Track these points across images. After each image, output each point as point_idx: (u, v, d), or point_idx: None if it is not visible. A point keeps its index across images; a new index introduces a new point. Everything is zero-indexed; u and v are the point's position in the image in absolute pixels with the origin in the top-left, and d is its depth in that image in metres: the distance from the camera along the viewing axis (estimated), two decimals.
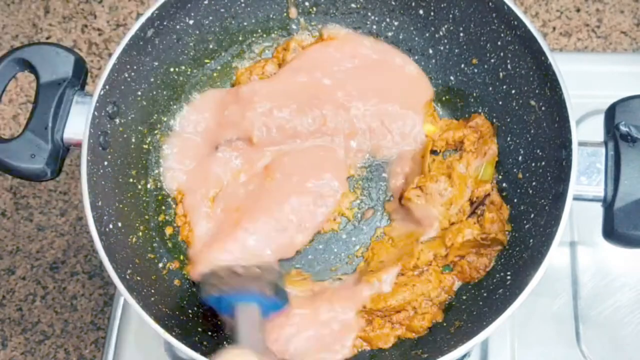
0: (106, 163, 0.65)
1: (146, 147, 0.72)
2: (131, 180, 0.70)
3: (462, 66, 0.74)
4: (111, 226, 0.64)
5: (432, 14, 0.74)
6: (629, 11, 1.00)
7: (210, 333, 0.67)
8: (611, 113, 0.62)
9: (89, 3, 1.07)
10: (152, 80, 0.71)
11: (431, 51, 0.76)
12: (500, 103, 0.71)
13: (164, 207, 0.74)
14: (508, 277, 0.65)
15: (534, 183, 0.67)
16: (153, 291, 0.65)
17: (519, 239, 0.67)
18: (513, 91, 0.69)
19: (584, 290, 0.76)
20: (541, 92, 0.65)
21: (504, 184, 0.71)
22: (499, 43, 0.69)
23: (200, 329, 0.67)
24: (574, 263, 0.77)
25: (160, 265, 0.70)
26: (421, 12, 0.74)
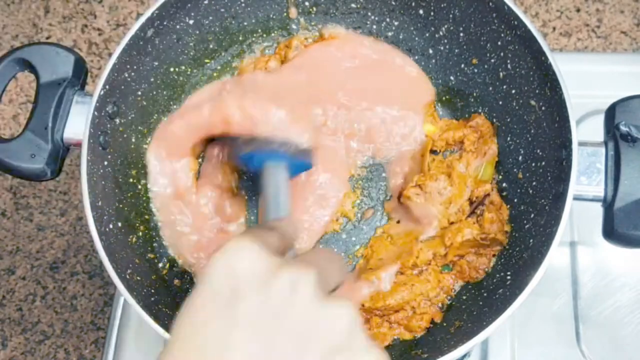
0: (106, 163, 0.65)
1: (146, 147, 0.72)
2: (131, 180, 0.70)
3: (462, 66, 0.74)
4: (111, 226, 0.64)
5: (432, 14, 0.74)
6: (629, 11, 1.00)
7: None
8: (611, 113, 0.62)
9: (89, 3, 1.07)
10: (152, 80, 0.71)
11: (431, 51, 0.76)
12: (500, 103, 0.71)
13: None
14: (508, 277, 0.65)
15: (534, 183, 0.67)
16: (153, 291, 0.65)
17: (519, 239, 0.67)
18: (513, 91, 0.69)
19: (584, 290, 0.76)
20: (541, 92, 0.65)
21: (504, 184, 0.71)
22: (499, 43, 0.69)
23: None
24: (574, 263, 0.77)
25: (160, 265, 0.70)
26: (421, 12, 0.74)
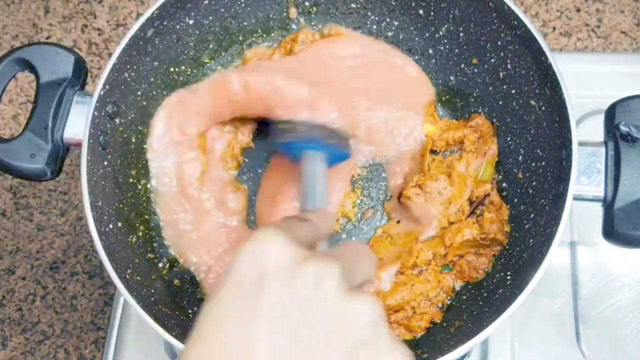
0: (106, 163, 0.65)
1: (146, 147, 0.72)
2: (131, 180, 0.70)
3: (462, 66, 0.74)
4: (111, 226, 0.64)
5: (432, 14, 0.74)
6: (629, 11, 1.00)
7: None
8: (611, 113, 0.62)
9: (89, 3, 1.07)
10: (152, 80, 0.71)
11: (431, 51, 0.76)
12: (500, 103, 0.71)
13: None
14: (508, 277, 0.65)
15: (534, 183, 0.67)
16: (153, 291, 0.65)
17: (519, 239, 0.67)
18: (513, 91, 0.69)
19: (584, 290, 0.76)
20: (541, 92, 0.65)
21: (504, 184, 0.71)
22: (499, 43, 0.69)
23: None
24: (574, 263, 0.77)
25: (160, 265, 0.70)
26: (421, 12, 0.74)
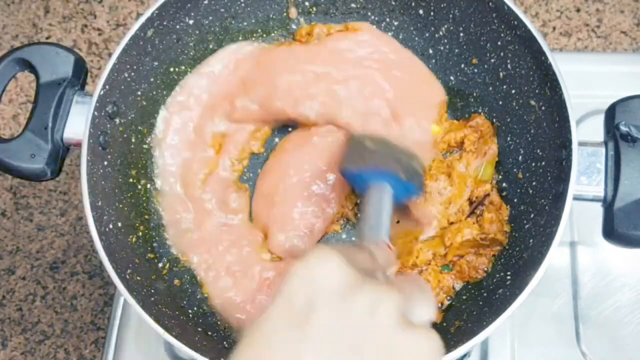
0: (106, 163, 0.65)
1: (146, 147, 0.72)
2: (131, 180, 0.70)
3: (462, 66, 0.74)
4: (111, 226, 0.64)
5: (432, 14, 0.74)
6: (629, 11, 1.00)
7: (210, 333, 0.67)
8: (611, 113, 0.62)
9: (89, 3, 1.07)
10: (152, 80, 0.71)
11: (431, 51, 0.76)
12: (500, 103, 0.71)
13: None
14: (508, 277, 0.65)
15: (534, 183, 0.67)
16: (153, 291, 0.65)
17: (519, 239, 0.67)
18: (513, 91, 0.69)
19: (584, 290, 0.76)
20: (541, 92, 0.65)
21: (504, 184, 0.71)
22: (499, 43, 0.69)
23: (200, 329, 0.67)
24: (574, 263, 0.77)
25: (160, 265, 0.70)
26: (421, 12, 0.74)
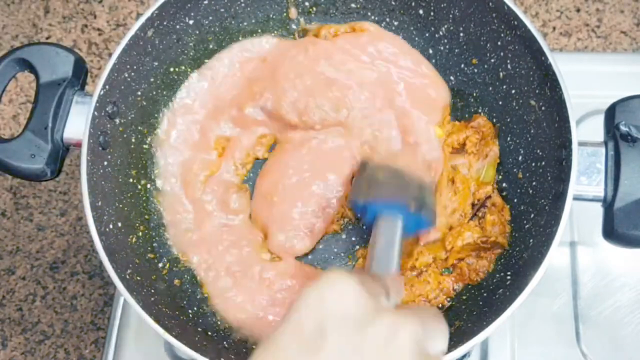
0: (106, 163, 0.65)
1: (146, 147, 0.72)
2: (131, 180, 0.70)
3: (462, 66, 0.74)
4: (111, 226, 0.64)
5: (432, 14, 0.74)
6: (629, 11, 1.00)
7: (210, 333, 0.67)
8: (611, 113, 0.62)
9: (89, 3, 1.07)
10: (152, 80, 0.71)
11: (431, 51, 0.76)
12: (500, 103, 0.71)
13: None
14: (508, 277, 0.65)
15: (534, 183, 0.67)
16: (153, 291, 0.65)
17: (519, 239, 0.67)
18: (513, 91, 0.69)
19: (584, 290, 0.76)
20: (541, 92, 0.65)
21: (504, 184, 0.71)
22: (499, 43, 0.69)
23: (200, 329, 0.67)
24: (574, 263, 0.77)
25: (160, 265, 0.70)
26: (421, 12, 0.74)
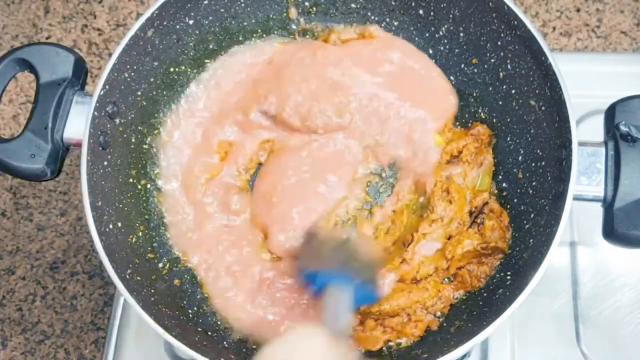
0: (106, 163, 0.65)
1: (146, 147, 0.72)
2: (131, 180, 0.70)
3: (462, 66, 0.74)
4: (111, 226, 0.64)
5: (432, 14, 0.74)
6: (629, 11, 1.00)
7: (210, 333, 0.67)
8: (611, 113, 0.62)
9: (89, 3, 1.07)
10: (152, 80, 0.71)
11: (431, 51, 0.76)
12: (500, 103, 0.71)
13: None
14: (508, 277, 0.65)
15: (534, 183, 0.67)
16: (153, 291, 0.65)
17: (519, 239, 0.67)
18: (513, 91, 0.69)
19: (584, 290, 0.76)
20: (541, 92, 0.65)
21: (504, 184, 0.71)
22: (499, 43, 0.69)
23: (200, 329, 0.67)
24: (574, 263, 0.77)
25: (160, 265, 0.70)
26: (421, 12, 0.74)
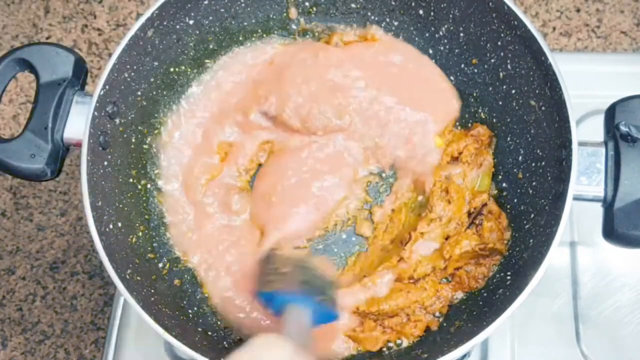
0: (106, 163, 0.65)
1: (146, 147, 0.72)
2: (131, 180, 0.70)
3: (462, 66, 0.74)
4: (111, 226, 0.64)
5: (432, 14, 0.74)
6: (629, 11, 1.00)
7: (210, 333, 0.67)
8: (611, 113, 0.62)
9: (89, 3, 1.07)
10: (152, 80, 0.71)
11: (431, 51, 0.76)
12: (500, 103, 0.71)
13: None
14: (508, 277, 0.65)
15: (534, 183, 0.67)
16: (153, 291, 0.65)
17: (519, 239, 0.67)
18: (513, 91, 0.69)
19: (584, 290, 0.76)
20: (541, 92, 0.65)
21: (504, 184, 0.71)
22: (499, 43, 0.69)
23: (200, 329, 0.67)
24: (574, 263, 0.77)
25: (160, 265, 0.70)
26: (421, 12, 0.74)
